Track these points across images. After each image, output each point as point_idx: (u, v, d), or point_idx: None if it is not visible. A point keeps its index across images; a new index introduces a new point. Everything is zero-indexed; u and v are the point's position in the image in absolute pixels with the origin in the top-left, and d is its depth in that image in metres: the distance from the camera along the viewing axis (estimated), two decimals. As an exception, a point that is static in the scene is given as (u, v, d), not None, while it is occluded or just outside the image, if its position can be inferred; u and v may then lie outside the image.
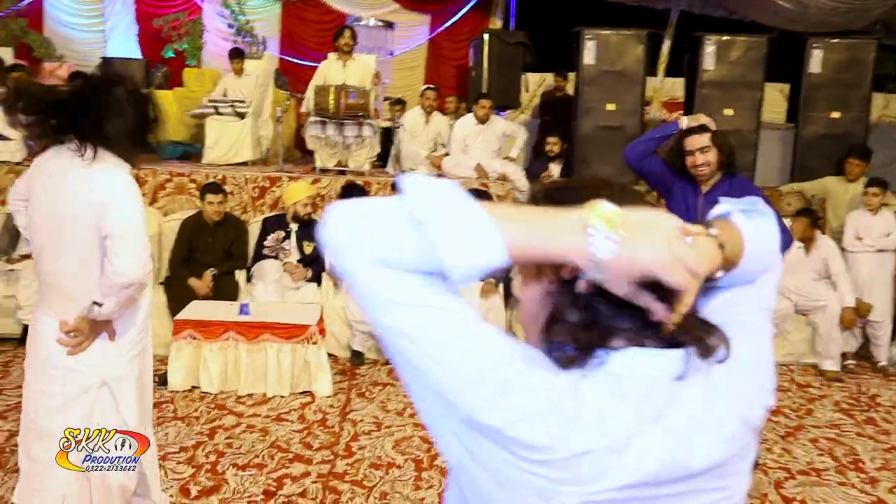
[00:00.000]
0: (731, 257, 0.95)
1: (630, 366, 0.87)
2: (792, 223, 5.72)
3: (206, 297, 5.44)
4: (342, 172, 6.89)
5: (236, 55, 8.42)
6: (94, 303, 2.37)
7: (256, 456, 3.86)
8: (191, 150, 8.38)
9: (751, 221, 1.00)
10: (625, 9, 9.14)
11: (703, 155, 3.55)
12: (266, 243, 5.86)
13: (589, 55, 6.73)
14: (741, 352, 0.94)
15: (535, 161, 7.86)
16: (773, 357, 1.02)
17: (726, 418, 0.91)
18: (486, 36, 8.03)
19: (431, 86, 7.78)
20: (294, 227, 5.93)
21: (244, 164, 7.68)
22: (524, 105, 10.03)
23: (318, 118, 6.81)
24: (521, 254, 0.82)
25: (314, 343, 4.75)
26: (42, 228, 2.42)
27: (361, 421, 4.39)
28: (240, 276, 5.72)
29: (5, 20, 9.63)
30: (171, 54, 9.96)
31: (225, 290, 5.58)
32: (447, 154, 7.40)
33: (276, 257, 5.82)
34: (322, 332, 4.85)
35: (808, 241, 5.88)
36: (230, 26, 10.00)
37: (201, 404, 4.53)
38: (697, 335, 0.90)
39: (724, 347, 0.91)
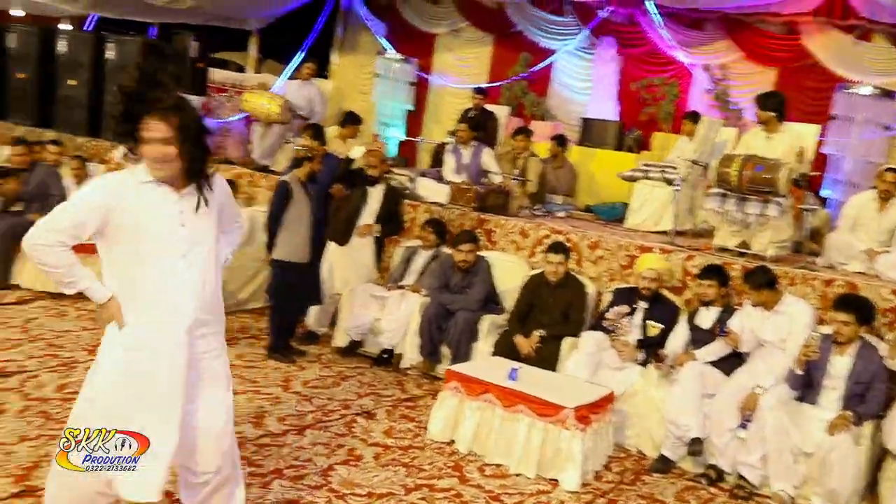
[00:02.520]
0: None
1: None
2: None
3: (527, 358, 5.32)
4: (742, 254, 6.02)
5: (689, 117, 8.01)
6: None
7: (421, 526, 3.64)
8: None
9: None
10: None
11: None
12: (608, 315, 5.46)
13: None
14: None
15: None
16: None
17: None
18: None
19: (892, 166, 6.30)
20: (643, 304, 5.41)
21: (664, 233, 7.25)
22: None
23: (720, 190, 6.08)
24: None
25: (567, 429, 4.27)
26: None
27: (575, 531, 3.80)
28: (568, 342, 5.43)
29: (512, 84, 10.79)
30: (644, 118, 9.95)
31: (547, 353, 5.36)
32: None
33: (612, 331, 5.38)
34: (584, 419, 4.32)
35: None
36: (708, 91, 9.54)
37: (442, 459, 4.44)
38: None
39: None
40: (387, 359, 6.05)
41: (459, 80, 11.50)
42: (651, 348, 5.26)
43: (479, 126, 8.68)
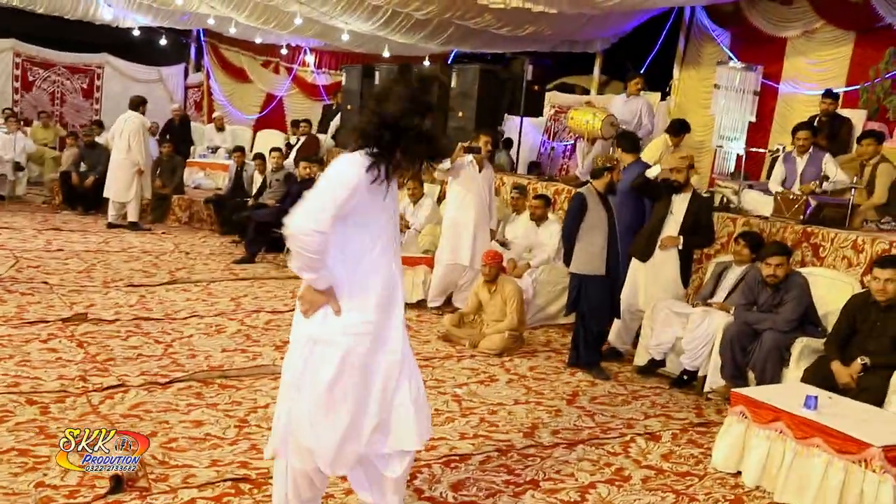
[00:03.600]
0: None
1: None
2: None
3: (845, 389, 4.58)
4: None
5: None
6: None
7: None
8: None
9: None
10: None
11: None
12: (956, 346, 4.50)
13: None
14: None
15: None
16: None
17: None
18: None
19: None
20: None
21: None
22: None
23: None
24: None
25: (872, 471, 3.57)
26: None
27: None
28: (900, 375, 4.56)
29: (873, 85, 9.39)
30: None
31: (870, 385, 4.55)
32: None
33: (959, 366, 4.42)
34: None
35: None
36: None
37: (722, 490, 3.97)
38: None
39: None
40: (687, 381, 5.61)
41: (812, 85, 10.39)
42: None
43: (826, 132, 7.83)
